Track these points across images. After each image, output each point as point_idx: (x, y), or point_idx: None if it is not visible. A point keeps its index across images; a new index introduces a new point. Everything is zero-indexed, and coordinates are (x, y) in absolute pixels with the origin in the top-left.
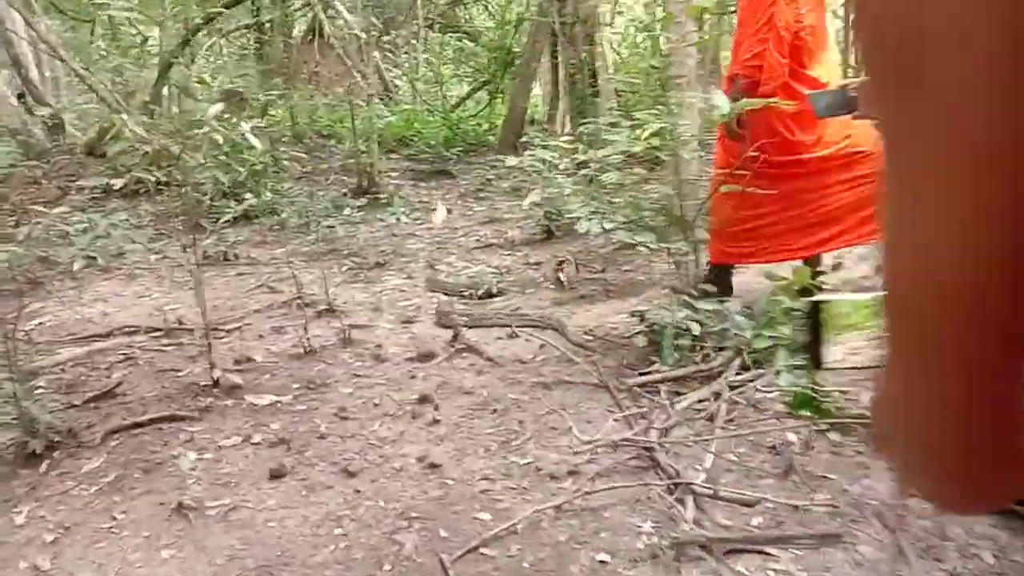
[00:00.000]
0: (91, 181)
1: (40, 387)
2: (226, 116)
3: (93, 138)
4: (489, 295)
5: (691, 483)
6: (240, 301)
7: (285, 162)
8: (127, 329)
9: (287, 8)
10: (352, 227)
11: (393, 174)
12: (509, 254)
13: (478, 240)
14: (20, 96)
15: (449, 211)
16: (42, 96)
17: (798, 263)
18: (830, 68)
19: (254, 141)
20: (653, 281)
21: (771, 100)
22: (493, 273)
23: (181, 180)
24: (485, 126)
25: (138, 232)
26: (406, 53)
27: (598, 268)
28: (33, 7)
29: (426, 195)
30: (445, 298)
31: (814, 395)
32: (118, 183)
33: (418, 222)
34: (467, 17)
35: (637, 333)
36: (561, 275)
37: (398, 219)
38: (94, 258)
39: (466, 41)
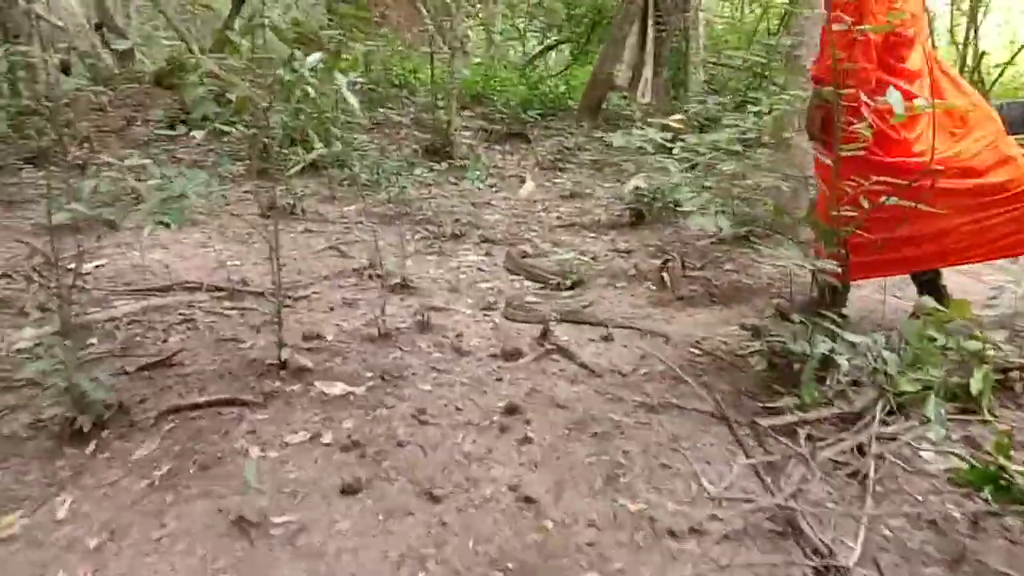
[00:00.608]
0: (156, 115)
1: (91, 345)
2: (320, 67)
3: (163, 69)
4: (575, 286)
5: (847, 567)
6: (308, 264)
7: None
8: (188, 285)
9: None
10: (425, 189)
11: (466, 133)
12: (594, 237)
13: (559, 218)
14: (99, 26)
15: (524, 179)
16: (118, 25)
17: (951, 293)
18: (923, 54)
19: (351, 99)
20: (759, 286)
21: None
22: (581, 262)
23: (250, 122)
24: (562, 88)
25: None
26: (480, 2)
27: (697, 265)
28: None
29: (501, 160)
30: (518, 288)
31: (987, 468)
32: (198, 135)
33: (494, 189)
34: None
35: (753, 353)
36: (665, 275)
37: (474, 184)
38: (166, 224)
39: None
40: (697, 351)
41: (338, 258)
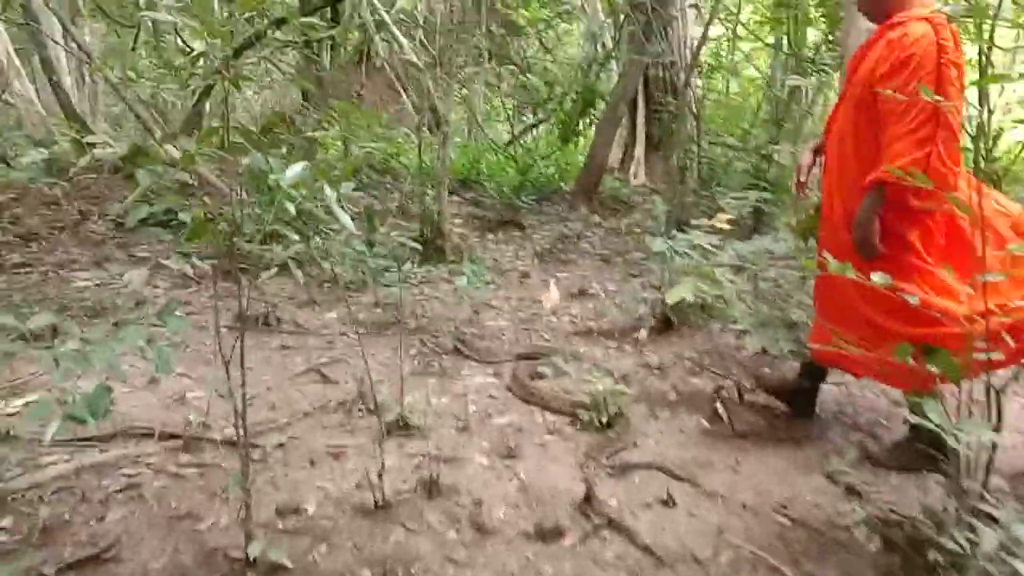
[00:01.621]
0: (114, 208)
1: (3, 531)
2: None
3: (124, 156)
4: (612, 422)
5: None
6: (284, 394)
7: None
8: (136, 430)
9: (340, 28)
10: (416, 290)
11: (456, 221)
12: (617, 348)
13: (572, 322)
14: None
15: (527, 274)
16: (73, 106)
17: None
18: None
19: (344, 219)
20: (828, 416)
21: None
22: (614, 390)
23: (218, 215)
24: (551, 169)
25: (160, 275)
26: (459, 84)
27: (747, 387)
28: (80, 8)
29: (496, 251)
30: (539, 423)
31: None
32: (143, 213)
33: (493, 287)
34: (520, 49)
35: (859, 524)
36: (719, 406)
37: (471, 283)
38: (81, 420)
39: (526, 75)
40: (784, 520)
41: (320, 384)
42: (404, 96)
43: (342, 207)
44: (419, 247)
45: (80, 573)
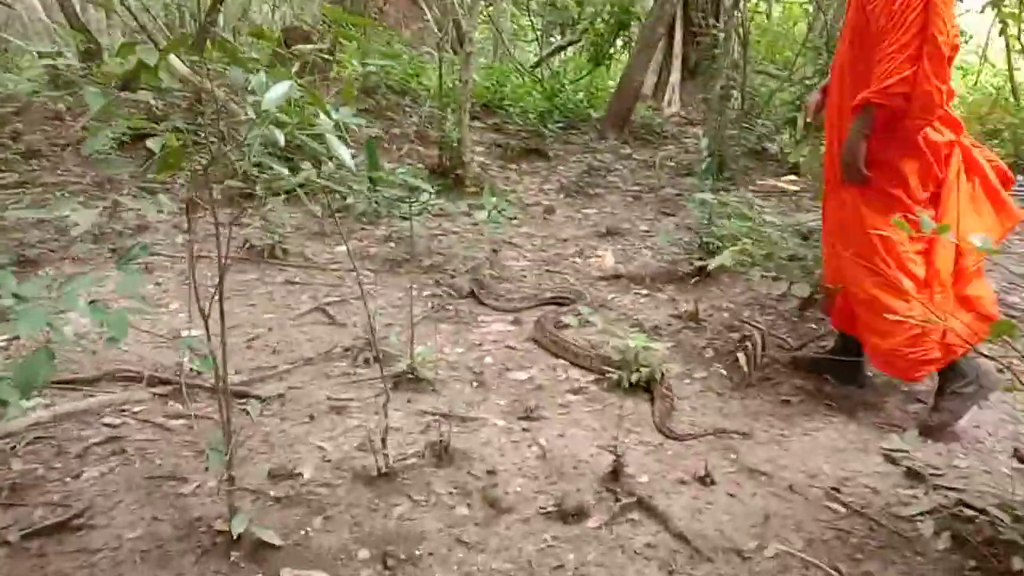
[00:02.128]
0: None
1: None
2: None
3: (131, 70)
4: (648, 385)
5: None
6: (286, 335)
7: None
8: (124, 373)
9: None
10: (433, 223)
11: (478, 149)
12: (648, 296)
13: (600, 266)
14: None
15: (551, 210)
16: (78, 16)
17: None
18: None
19: (343, 155)
20: (883, 379)
21: None
22: (647, 347)
23: (223, 134)
24: (580, 95)
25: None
26: (485, 1)
27: (791, 344)
28: None
29: (518, 182)
30: (562, 378)
31: None
32: (100, 143)
33: (515, 223)
34: None
35: (923, 514)
36: (741, 358)
37: (491, 218)
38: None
39: None
40: (838, 506)
41: (326, 325)
42: (425, 11)
43: (342, 137)
44: (432, 181)
45: (47, 541)
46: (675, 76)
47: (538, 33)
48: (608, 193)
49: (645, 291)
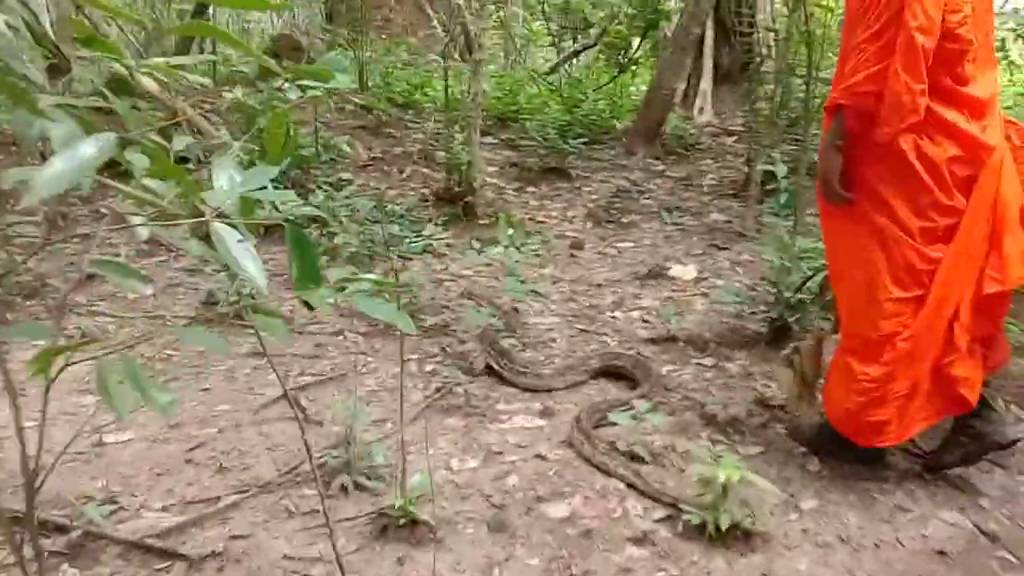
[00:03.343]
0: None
1: None
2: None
3: (105, 86)
4: (745, 532)
5: None
6: (242, 438)
7: (345, 147)
8: None
9: None
10: (439, 264)
11: (490, 169)
12: (715, 368)
13: (645, 320)
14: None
15: (579, 244)
16: (41, 24)
17: None
18: (994, 79)
19: (252, 272)
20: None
21: None
22: (744, 472)
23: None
24: (601, 103)
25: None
26: (494, 2)
27: (922, 449)
28: None
29: (538, 207)
30: (618, 515)
31: None
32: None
33: (537, 260)
34: None
35: None
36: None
37: (508, 253)
38: None
39: None
40: None
41: (295, 423)
42: (432, 17)
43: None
44: (438, 209)
45: None
46: (706, 81)
47: (553, 37)
48: (643, 220)
49: (709, 360)
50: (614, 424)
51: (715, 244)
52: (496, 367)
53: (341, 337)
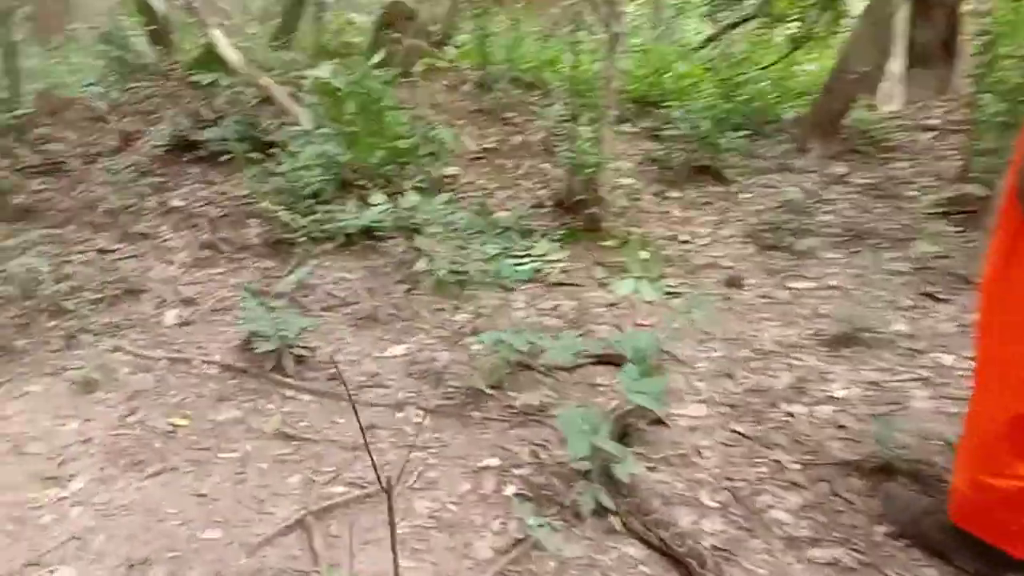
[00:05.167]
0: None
1: None
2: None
3: (199, 56)
4: None
5: None
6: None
7: (449, 138)
8: None
9: None
10: (547, 300)
11: (625, 165)
12: None
13: (837, 410)
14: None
15: (738, 282)
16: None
17: None
18: None
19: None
20: None
21: None
22: None
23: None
24: (764, 84)
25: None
26: None
27: None
28: None
29: (680, 221)
30: None
31: None
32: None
33: (675, 302)
34: None
35: None
36: None
37: (636, 290)
38: None
39: None
40: None
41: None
42: None
43: None
44: (555, 219)
45: None
46: (897, 64)
47: (709, 5)
48: (824, 248)
49: None
50: None
51: (931, 290)
52: (607, 506)
53: (401, 413)
